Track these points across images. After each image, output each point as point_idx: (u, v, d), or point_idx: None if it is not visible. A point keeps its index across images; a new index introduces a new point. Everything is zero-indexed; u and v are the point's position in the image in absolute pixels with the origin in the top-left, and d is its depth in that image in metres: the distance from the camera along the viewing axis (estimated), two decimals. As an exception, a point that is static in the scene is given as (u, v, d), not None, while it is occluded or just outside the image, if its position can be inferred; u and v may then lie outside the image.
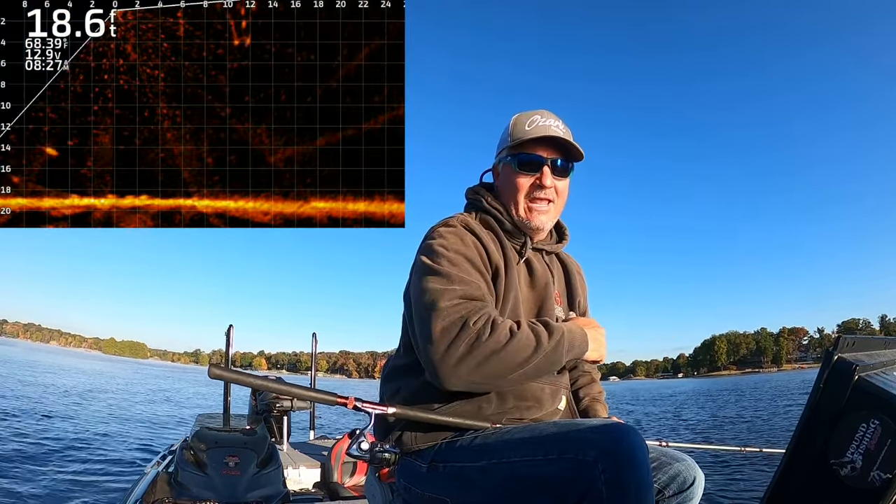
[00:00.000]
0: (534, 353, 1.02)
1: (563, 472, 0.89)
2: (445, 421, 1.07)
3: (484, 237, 1.19)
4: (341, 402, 1.06)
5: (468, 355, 0.99)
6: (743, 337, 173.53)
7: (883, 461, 0.70)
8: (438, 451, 1.09)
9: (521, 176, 1.23)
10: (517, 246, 1.26)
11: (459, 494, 1.05)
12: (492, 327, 1.01)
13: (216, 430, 3.26)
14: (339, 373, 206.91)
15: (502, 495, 0.99)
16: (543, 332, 1.05)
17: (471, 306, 1.04)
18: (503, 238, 1.24)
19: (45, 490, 5.24)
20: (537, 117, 1.25)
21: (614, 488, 0.83)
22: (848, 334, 0.82)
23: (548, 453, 0.93)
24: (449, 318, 1.02)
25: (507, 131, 1.28)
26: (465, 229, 1.18)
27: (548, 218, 1.26)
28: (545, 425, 1.02)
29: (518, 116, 1.28)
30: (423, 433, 1.11)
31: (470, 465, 1.03)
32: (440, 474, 1.08)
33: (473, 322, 1.01)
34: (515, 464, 0.97)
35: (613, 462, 0.84)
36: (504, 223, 1.25)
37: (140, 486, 3.26)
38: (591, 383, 1.41)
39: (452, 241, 1.14)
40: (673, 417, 17.51)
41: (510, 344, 1.01)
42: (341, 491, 3.56)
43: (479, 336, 1.00)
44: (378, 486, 1.26)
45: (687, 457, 1.16)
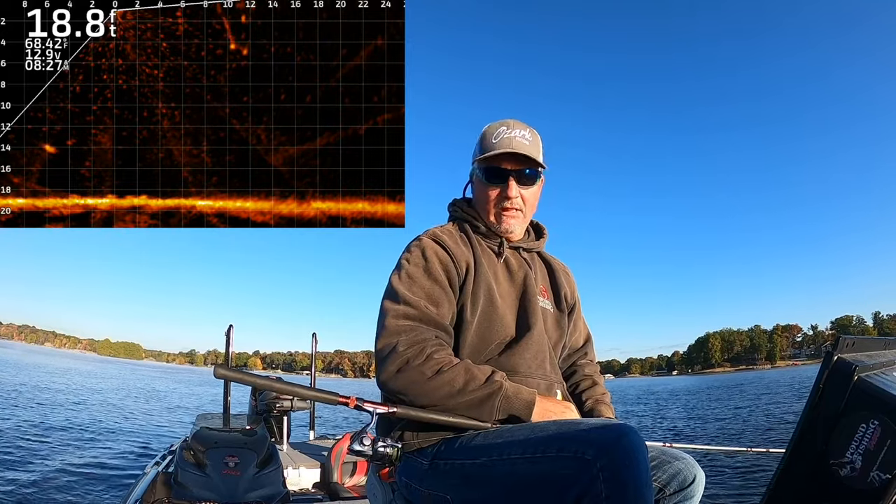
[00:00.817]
0: (457, 394, 1.08)
1: (562, 470, 0.90)
2: (447, 420, 1.09)
3: (450, 244, 1.25)
4: (343, 402, 1.08)
5: (396, 375, 1.09)
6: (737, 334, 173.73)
7: (882, 461, 0.70)
8: (440, 449, 1.11)
9: (490, 188, 1.31)
10: (494, 247, 1.33)
11: (461, 491, 1.06)
12: (425, 358, 1.09)
13: (216, 431, 3.25)
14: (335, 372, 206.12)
15: (503, 492, 1.00)
16: (477, 380, 1.09)
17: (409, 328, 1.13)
18: (476, 240, 1.31)
19: (46, 491, 5.24)
20: (503, 129, 1.30)
21: (613, 486, 0.84)
22: (847, 335, 0.81)
23: (547, 451, 0.94)
24: (386, 339, 1.12)
25: (478, 143, 1.34)
26: (431, 241, 1.25)
27: (517, 223, 1.33)
28: (546, 424, 1.04)
29: (487, 128, 1.34)
30: (424, 432, 1.13)
31: (471, 463, 1.04)
32: (441, 472, 1.09)
33: (405, 348, 1.10)
34: (516, 461, 0.97)
35: (612, 460, 0.85)
36: (479, 227, 1.34)
37: (140, 486, 3.26)
38: (593, 386, 1.41)
39: (415, 254, 1.23)
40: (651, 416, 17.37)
41: (433, 379, 1.08)
42: (341, 491, 3.55)
43: (408, 362, 1.09)
44: (379, 485, 1.26)
45: (687, 456, 1.17)
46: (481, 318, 1.21)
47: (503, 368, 1.17)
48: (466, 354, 1.19)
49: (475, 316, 1.20)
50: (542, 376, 1.23)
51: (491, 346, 1.21)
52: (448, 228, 1.32)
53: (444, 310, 1.18)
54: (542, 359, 1.24)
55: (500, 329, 1.22)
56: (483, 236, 1.33)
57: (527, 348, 1.22)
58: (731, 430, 12.31)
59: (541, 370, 1.23)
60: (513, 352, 1.21)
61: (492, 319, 1.22)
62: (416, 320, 1.14)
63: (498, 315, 1.23)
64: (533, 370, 1.22)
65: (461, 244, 1.28)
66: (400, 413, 1.09)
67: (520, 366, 1.20)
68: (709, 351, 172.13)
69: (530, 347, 1.23)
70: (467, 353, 1.19)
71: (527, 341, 1.23)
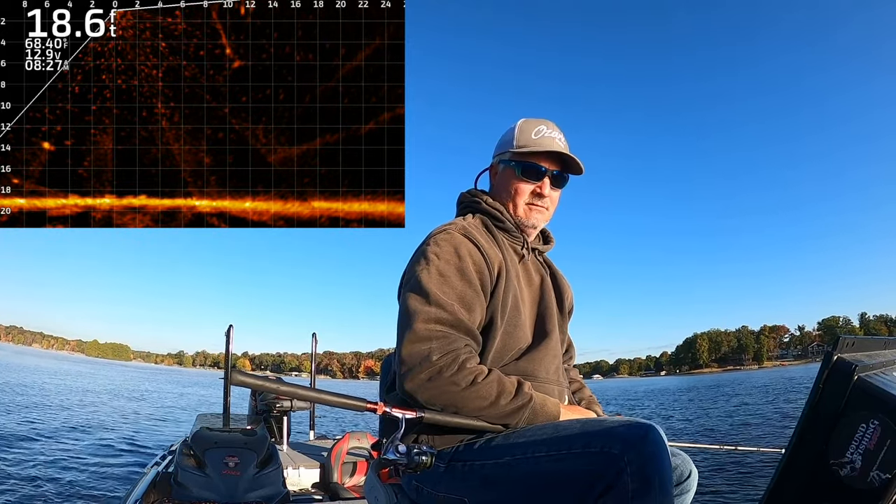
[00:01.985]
0: (488, 406, 1.06)
1: (588, 466, 0.91)
2: (471, 424, 1.08)
3: (482, 242, 1.20)
4: (371, 408, 1.06)
5: (427, 383, 1.05)
6: (724, 335, 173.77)
7: (882, 461, 0.70)
8: (457, 452, 1.10)
9: (523, 182, 1.29)
10: (517, 246, 1.30)
11: (479, 493, 1.05)
12: (458, 367, 1.06)
13: (216, 431, 3.25)
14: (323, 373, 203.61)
15: (524, 491, 1.00)
16: (508, 392, 1.07)
17: (442, 335, 1.07)
18: (502, 239, 1.27)
19: (46, 491, 5.24)
20: (543, 127, 1.29)
21: (639, 480, 0.85)
22: (847, 335, 0.81)
23: (573, 447, 0.94)
24: (417, 345, 1.06)
25: (512, 135, 1.30)
26: (462, 236, 1.18)
27: (542, 218, 1.32)
28: (568, 423, 1.04)
29: (524, 122, 1.31)
30: (440, 435, 1.12)
31: (492, 463, 1.04)
32: (459, 474, 1.08)
33: (438, 357, 1.05)
34: (540, 459, 0.98)
35: (639, 455, 0.86)
36: (505, 222, 1.29)
37: (140, 486, 3.26)
38: (581, 388, 1.45)
39: (446, 249, 1.15)
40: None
41: (467, 391, 1.05)
42: (341, 491, 3.55)
43: (440, 371, 1.05)
44: (380, 487, 1.24)
45: (682, 452, 1.21)
46: (507, 325, 1.19)
47: (523, 375, 1.16)
48: (490, 360, 1.16)
49: (503, 321, 1.18)
50: (557, 382, 1.23)
51: (512, 352, 1.19)
52: (474, 223, 1.27)
53: (475, 315, 1.14)
54: (557, 365, 1.25)
55: (521, 336, 1.21)
56: (506, 232, 1.29)
57: (545, 354, 1.21)
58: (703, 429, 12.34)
59: (556, 376, 1.24)
60: (532, 358, 1.20)
61: (516, 326, 1.20)
62: (448, 325, 1.09)
63: (521, 322, 1.21)
64: (550, 376, 1.22)
65: (490, 245, 1.22)
66: (427, 418, 1.07)
67: (539, 372, 1.19)
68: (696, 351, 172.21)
69: (548, 354, 1.22)
70: (491, 359, 1.17)
71: (545, 347, 1.22)
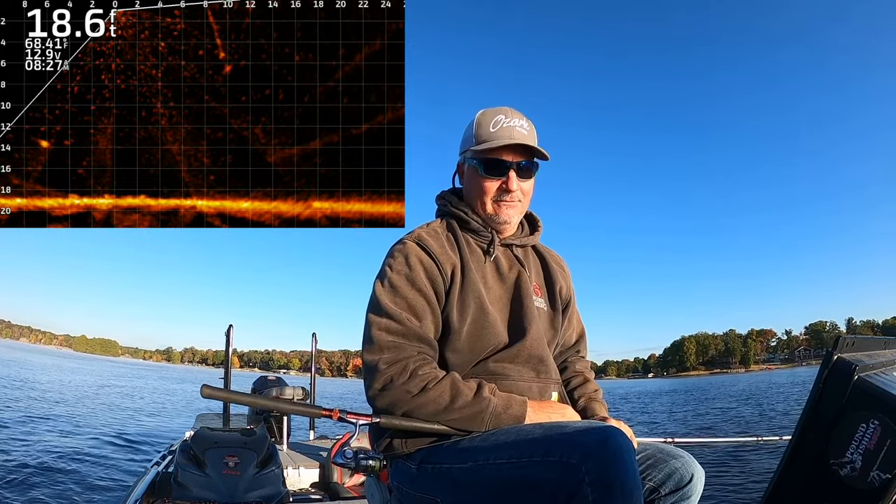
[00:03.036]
0: (444, 411, 1.06)
1: (548, 474, 0.90)
2: (429, 428, 1.08)
3: (435, 248, 1.19)
4: (326, 415, 1.10)
5: (381, 392, 1.08)
6: (712, 338, 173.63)
7: (882, 461, 0.70)
8: (427, 453, 1.10)
9: (487, 180, 1.24)
10: (483, 245, 1.26)
11: (449, 494, 1.06)
12: (409, 375, 1.07)
13: (216, 430, 3.26)
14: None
15: (489, 496, 1.00)
16: (464, 396, 1.07)
17: (393, 345, 1.11)
18: (464, 241, 1.24)
19: (45, 492, 5.24)
20: (501, 117, 1.24)
21: (599, 489, 0.84)
22: (848, 335, 0.81)
23: (533, 455, 0.93)
24: (369, 356, 1.11)
25: (472, 130, 1.26)
26: (414, 244, 1.19)
27: (515, 212, 1.27)
28: (531, 427, 1.03)
29: (482, 115, 1.26)
30: (411, 438, 1.12)
31: (457, 467, 1.04)
32: (429, 475, 1.09)
33: (386, 367, 1.08)
34: (501, 465, 0.97)
35: (597, 463, 0.85)
36: (470, 223, 1.26)
37: (140, 486, 3.26)
38: (585, 383, 1.38)
39: (399, 260, 1.18)
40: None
41: (419, 397, 1.06)
42: (341, 491, 3.56)
43: (392, 380, 1.07)
44: (377, 486, 1.28)
45: (685, 453, 1.15)
46: (472, 327, 1.17)
47: (493, 374, 1.15)
48: (456, 363, 1.16)
49: (464, 324, 1.16)
50: (535, 380, 1.20)
51: (483, 353, 1.18)
52: (435, 228, 1.26)
53: (427, 322, 1.15)
54: (535, 363, 1.21)
55: (491, 336, 1.18)
56: (473, 232, 1.27)
57: (519, 353, 1.19)
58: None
59: (534, 375, 1.20)
60: (504, 357, 1.18)
61: (483, 327, 1.18)
62: (398, 335, 1.11)
63: (489, 322, 1.18)
64: (525, 375, 1.19)
65: (448, 247, 1.22)
66: (384, 423, 1.09)
67: (510, 371, 1.17)
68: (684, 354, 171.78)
69: (523, 352, 1.19)
70: (457, 362, 1.16)
71: (520, 346, 1.19)
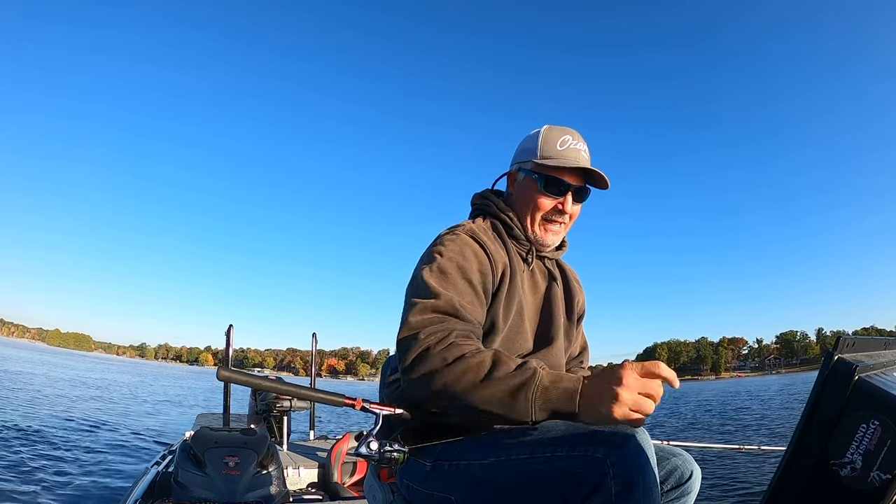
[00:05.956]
0: (480, 383, 0.95)
1: (573, 468, 0.90)
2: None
3: (489, 244, 1.19)
4: (349, 404, 1.04)
5: (415, 361, 1.00)
6: (683, 345, 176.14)
7: (883, 462, 0.70)
8: (443, 450, 1.09)
9: (544, 196, 1.24)
10: (522, 252, 1.28)
11: (465, 492, 1.05)
12: (448, 344, 1.00)
13: (216, 430, 3.26)
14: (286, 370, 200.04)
15: (510, 492, 0.99)
16: (506, 366, 0.96)
17: (434, 319, 1.05)
18: (509, 244, 1.26)
19: (45, 491, 5.24)
20: (569, 138, 1.24)
21: (622, 483, 0.85)
22: (848, 335, 0.81)
23: (557, 450, 0.93)
24: (410, 329, 1.04)
25: (536, 143, 1.26)
26: (468, 237, 1.18)
27: (558, 238, 1.30)
28: (554, 424, 1.02)
29: (549, 131, 1.27)
30: (427, 433, 1.11)
31: (477, 463, 1.03)
32: (445, 472, 1.08)
33: (426, 336, 1.01)
34: (524, 460, 0.97)
35: (622, 458, 0.86)
36: (514, 229, 1.27)
37: (140, 486, 3.27)
38: None
39: (451, 248, 1.15)
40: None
41: (455, 365, 0.96)
42: (341, 491, 3.56)
43: (428, 348, 1.00)
44: (378, 486, 1.26)
45: (684, 452, 1.19)
46: (510, 331, 1.18)
47: None
48: None
49: (505, 326, 1.17)
50: None
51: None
52: (484, 226, 1.26)
53: (477, 310, 1.12)
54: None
55: (522, 342, 1.20)
56: (514, 239, 1.28)
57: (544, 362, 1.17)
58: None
59: None
60: None
61: (518, 332, 1.19)
62: (444, 313, 1.07)
63: (524, 328, 1.20)
64: None
65: (497, 248, 1.21)
66: (405, 415, 1.07)
67: None
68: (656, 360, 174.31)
69: (546, 361, 1.20)
70: None
71: (544, 355, 1.21)
